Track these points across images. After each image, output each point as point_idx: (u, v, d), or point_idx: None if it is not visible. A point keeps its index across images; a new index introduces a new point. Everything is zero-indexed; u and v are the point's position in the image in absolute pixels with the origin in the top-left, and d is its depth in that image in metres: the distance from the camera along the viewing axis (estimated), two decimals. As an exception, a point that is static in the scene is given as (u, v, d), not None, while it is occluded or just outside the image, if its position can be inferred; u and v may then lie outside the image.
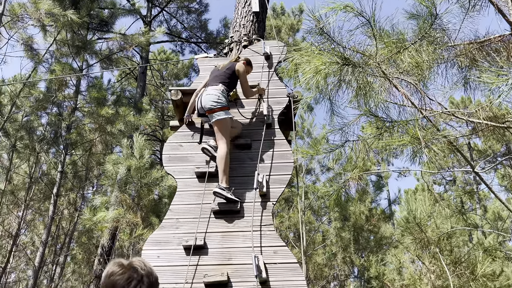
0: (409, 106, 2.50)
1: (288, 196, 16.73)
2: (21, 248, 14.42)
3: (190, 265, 3.40)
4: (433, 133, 2.28)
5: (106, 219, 7.01)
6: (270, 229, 3.61)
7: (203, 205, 3.74)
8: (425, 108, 2.55)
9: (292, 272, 3.34)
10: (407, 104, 2.49)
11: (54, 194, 9.58)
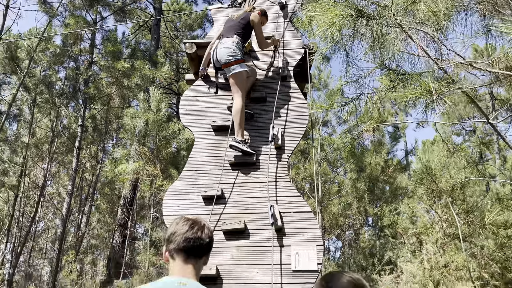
0: (424, 57, 2.46)
1: (304, 148, 16.85)
2: (48, 198, 15.12)
3: (209, 213, 3.56)
4: (446, 85, 2.25)
5: (127, 171, 7.26)
6: (285, 180, 3.71)
7: (220, 157, 3.85)
8: (442, 59, 2.50)
9: (306, 220, 3.48)
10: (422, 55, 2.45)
11: (76, 147, 9.89)
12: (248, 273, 3.31)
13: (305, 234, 3.42)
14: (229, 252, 3.41)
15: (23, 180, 13.27)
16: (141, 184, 9.81)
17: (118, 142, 14.26)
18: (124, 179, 8.28)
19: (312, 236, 3.41)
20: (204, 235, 1.75)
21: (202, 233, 1.74)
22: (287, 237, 3.42)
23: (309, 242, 3.37)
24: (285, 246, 3.38)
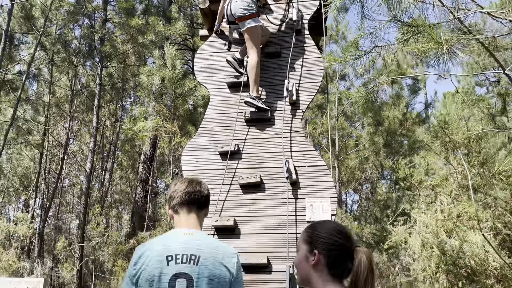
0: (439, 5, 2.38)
1: (321, 102, 16.73)
2: (71, 156, 15.61)
3: (226, 168, 3.67)
4: (459, 36, 2.19)
5: (145, 128, 7.42)
6: (300, 135, 3.77)
7: (235, 114, 3.91)
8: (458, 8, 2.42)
9: (321, 173, 3.56)
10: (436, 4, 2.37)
11: (95, 106, 10.08)
12: (264, 224, 3.46)
13: (319, 187, 3.51)
14: (246, 204, 3.55)
15: (47, 139, 13.69)
16: (160, 141, 10.03)
17: (136, 100, 14.42)
18: (143, 136, 8.46)
19: (326, 188, 3.50)
20: (202, 188, 1.92)
21: (200, 187, 1.92)
22: (302, 190, 3.53)
23: (323, 195, 3.48)
24: (299, 198, 3.50)
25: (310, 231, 1.54)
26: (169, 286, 1.67)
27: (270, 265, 3.30)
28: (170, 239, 1.79)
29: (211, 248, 1.77)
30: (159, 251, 1.73)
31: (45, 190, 14.03)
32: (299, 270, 1.51)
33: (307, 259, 1.48)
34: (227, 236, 3.46)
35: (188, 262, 1.71)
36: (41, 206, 13.79)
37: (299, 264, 1.51)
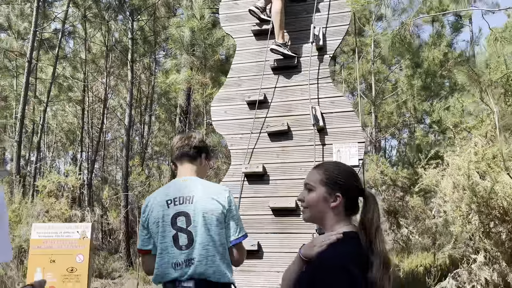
0: None
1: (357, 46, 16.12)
2: (111, 110, 16.17)
3: (253, 117, 3.74)
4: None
5: (178, 81, 7.53)
6: (327, 81, 3.74)
7: (262, 62, 3.90)
8: None
9: (348, 119, 3.56)
10: None
11: (129, 61, 10.25)
12: (292, 170, 3.55)
13: (347, 132, 3.53)
14: (274, 152, 3.64)
15: (87, 95, 14.19)
16: (194, 93, 10.18)
17: (168, 53, 14.50)
18: (177, 89, 8.61)
19: (353, 134, 3.52)
20: (190, 142, 2.17)
21: (189, 141, 2.18)
22: (329, 136, 3.56)
23: (350, 140, 3.50)
24: (327, 144, 3.54)
25: (328, 173, 1.55)
26: (171, 224, 2.01)
27: (298, 208, 3.43)
28: (170, 187, 2.13)
29: (203, 187, 2.07)
30: (160, 198, 2.08)
31: (89, 144, 14.76)
32: (313, 209, 1.54)
33: (326, 200, 1.52)
34: (256, 182, 3.60)
35: (184, 203, 2.03)
36: (87, 159, 14.60)
37: (315, 204, 1.53)
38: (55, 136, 18.16)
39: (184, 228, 2.00)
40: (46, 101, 11.87)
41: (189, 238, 1.98)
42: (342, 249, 1.44)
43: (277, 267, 3.35)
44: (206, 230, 1.98)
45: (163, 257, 2.00)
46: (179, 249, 1.98)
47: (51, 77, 12.06)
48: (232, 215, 2.04)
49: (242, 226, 2.08)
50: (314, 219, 1.57)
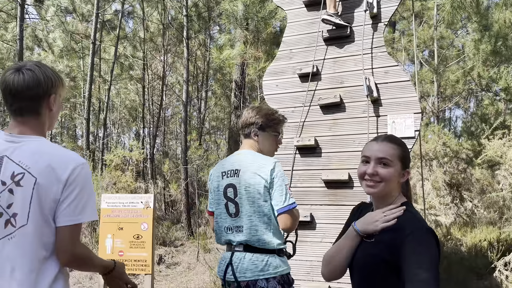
0: None
1: (418, 10, 15.26)
2: (170, 87, 16.73)
3: (305, 90, 3.74)
4: None
5: (231, 56, 7.60)
6: (381, 50, 3.62)
7: (313, 34, 3.85)
8: None
9: (403, 89, 3.45)
10: None
11: (185, 38, 10.46)
12: (344, 142, 3.53)
13: (402, 103, 3.42)
14: (326, 124, 3.63)
15: (146, 72, 14.76)
16: (247, 68, 10.23)
17: (222, 28, 14.59)
18: (231, 64, 8.70)
19: (409, 104, 3.40)
20: (250, 117, 2.31)
21: (248, 116, 2.32)
22: (384, 107, 3.48)
23: (406, 111, 3.40)
24: (381, 116, 3.46)
25: (402, 149, 1.56)
26: (223, 193, 2.25)
27: (352, 180, 3.42)
28: (227, 160, 2.35)
29: (249, 162, 2.21)
30: (218, 169, 2.33)
31: (150, 120, 15.45)
32: (388, 184, 1.51)
33: (400, 176, 1.53)
34: (308, 155, 3.62)
35: (232, 176, 2.24)
36: (149, 134, 15.33)
37: (391, 179, 1.51)
38: (119, 113, 19.19)
39: (232, 198, 2.21)
40: (110, 80, 12.53)
41: (236, 208, 2.20)
42: (418, 216, 1.49)
43: (329, 238, 3.40)
44: (249, 202, 2.15)
45: (218, 221, 2.28)
46: (230, 216, 2.22)
47: (113, 56, 12.66)
48: (276, 186, 2.13)
49: (289, 195, 2.14)
50: (385, 194, 1.53)
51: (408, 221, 1.44)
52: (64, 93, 1.70)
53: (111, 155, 9.14)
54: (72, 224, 1.49)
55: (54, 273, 1.51)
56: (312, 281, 3.39)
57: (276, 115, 2.40)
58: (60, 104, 1.68)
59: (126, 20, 15.56)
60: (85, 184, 1.53)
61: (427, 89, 15.18)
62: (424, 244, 1.36)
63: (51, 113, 1.63)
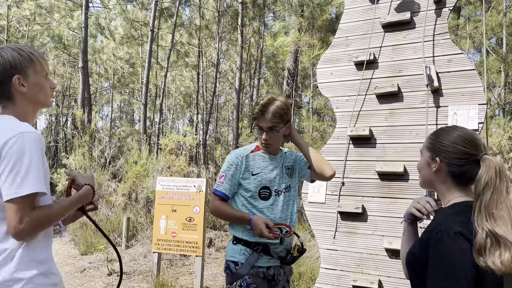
0: None
1: (485, -5, 14.28)
2: (223, 74, 16.94)
3: (360, 79, 3.63)
4: None
5: (285, 43, 7.54)
6: (444, 37, 3.43)
7: (371, 20, 3.72)
8: None
9: (467, 78, 3.25)
10: None
11: (239, 25, 10.53)
12: (401, 133, 3.40)
13: (465, 93, 3.23)
14: (382, 114, 3.51)
15: (201, 60, 15.03)
16: (301, 55, 10.11)
17: (277, 15, 14.49)
18: (284, 51, 8.63)
19: (473, 95, 3.21)
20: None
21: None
22: (445, 97, 3.30)
23: (469, 102, 3.20)
24: (441, 106, 3.30)
25: (433, 137, 1.55)
26: None
27: (407, 173, 3.30)
28: None
29: None
30: None
31: (204, 107, 15.78)
32: (421, 174, 1.60)
33: (429, 165, 1.52)
34: (362, 145, 3.54)
35: None
36: (202, 121, 15.68)
37: (421, 169, 1.59)
38: (174, 99, 19.76)
39: None
40: (166, 66, 12.90)
41: None
42: (453, 218, 1.38)
43: (381, 231, 3.32)
44: None
45: None
46: None
47: (170, 44, 13.01)
48: None
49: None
50: (425, 184, 1.60)
51: (441, 222, 1.38)
52: (41, 67, 1.64)
53: (166, 139, 9.46)
54: (11, 198, 1.42)
55: (10, 248, 1.47)
56: (362, 273, 3.33)
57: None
58: (37, 81, 1.63)
59: (183, 7, 15.88)
60: (21, 155, 1.44)
61: (493, 79, 14.23)
62: (443, 250, 1.31)
63: (25, 94, 1.60)
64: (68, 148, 16.83)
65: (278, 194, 2.41)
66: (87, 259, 6.67)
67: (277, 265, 2.35)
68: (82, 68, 12.59)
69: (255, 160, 2.42)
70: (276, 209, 2.37)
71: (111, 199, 8.57)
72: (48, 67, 1.72)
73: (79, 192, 1.67)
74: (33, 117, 1.68)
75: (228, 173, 2.35)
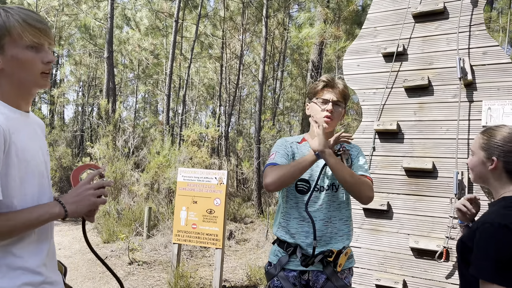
0: None
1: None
2: (246, 66, 16.86)
3: (388, 71, 3.50)
4: None
5: (310, 35, 7.38)
6: (480, 28, 3.25)
7: (402, 10, 3.57)
8: None
9: (504, 72, 3.08)
10: None
11: (264, 16, 10.39)
12: (431, 128, 3.26)
13: (501, 88, 3.06)
14: (410, 108, 3.38)
15: (225, 51, 14.99)
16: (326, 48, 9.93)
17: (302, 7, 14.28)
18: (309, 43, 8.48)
19: (509, 89, 3.04)
20: None
21: None
22: (478, 91, 3.14)
23: (505, 96, 3.04)
24: (474, 101, 3.14)
25: (487, 137, 1.64)
26: None
27: (436, 170, 3.17)
28: None
29: None
30: None
31: (227, 99, 15.76)
32: (474, 171, 1.68)
33: (484, 164, 1.63)
34: (389, 140, 3.41)
35: None
36: (224, 113, 15.68)
37: (475, 167, 1.67)
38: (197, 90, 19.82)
39: None
40: (190, 58, 12.90)
41: None
42: (502, 211, 1.48)
43: (407, 229, 3.20)
44: None
45: None
46: None
47: (194, 35, 13.00)
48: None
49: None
50: (477, 180, 1.68)
51: (490, 215, 1.49)
52: (24, 35, 1.27)
53: (188, 131, 9.48)
54: None
55: None
56: (385, 272, 3.23)
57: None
58: (15, 53, 1.28)
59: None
60: None
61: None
62: (485, 236, 1.42)
63: (3, 71, 1.29)
64: (94, 138, 17.15)
65: (320, 190, 2.12)
66: (109, 247, 6.76)
67: (314, 270, 2.05)
68: (108, 58, 12.73)
69: (300, 150, 2.20)
70: (314, 206, 2.09)
71: (134, 189, 8.66)
72: (47, 34, 1.33)
73: (58, 210, 1.32)
74: (24, 101, 1.37)
75: (279, 151, 2.16)
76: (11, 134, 1.25)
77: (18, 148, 1.27)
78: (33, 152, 1.35)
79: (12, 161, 1.24)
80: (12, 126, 1.26)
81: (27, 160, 1.31)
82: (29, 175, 1.32)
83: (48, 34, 1.33)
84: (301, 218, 2.08)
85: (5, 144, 1.22)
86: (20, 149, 1.28)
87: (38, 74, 1.33)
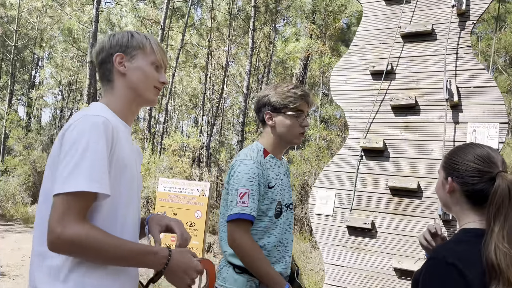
0: None
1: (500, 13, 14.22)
2: (231, 78, 16.86)
3: (376, 89, 3.50)
4: None
5: (296, 49, 7.42)
6: (466, 51, 3.30)
7: (391, 29, 3.60)
8: None
9: (489, 95, 3.11)
10: None
11: (251, 29, 10.43)
12: (416, 148, 3.26)
13: (486, 110, 3.10)
14: (397, 127, 3.38)
15: (210, 61, 14.95)
16: (311, 63, 10.00)
17: (288, 21, 14.42)
18: (294, 57, 8.52)
19: (494, 112, 3.07)
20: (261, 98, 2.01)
21: (259, 96, 2.05)
22: (464, 113, 3.17)
23: (490, 119, 3.07)
24: (460, 123, 3.16)
25: (447, 156, 1.45)
26: None
27: (421, 190, 3.16)
28: None
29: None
30: None
31: (210, 109, 15.69)
32: (438, 196, 1.49)
33: (443, 186, 1.42)
34: (374, 158, 3.40)
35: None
36: (207, 123, 15.58)
37: (437, 190, 1.49)
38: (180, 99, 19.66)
39: None
40: (175, 66, 12.81)
41: None
42: (449, 245, 1.31)
43: (390, 249, 3.17)
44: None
45: None
46: None
47: (180, 43, 12.93)
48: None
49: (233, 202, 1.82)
50: (443, 206, 1.49)
51: (439, 250, 1.31)
52: (153, 55, 1.48)
53: (170, 139, 9.35)
54: (56, 193, 1.13)
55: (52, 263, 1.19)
56: (367, 293, 3.18)
57: (294, 90, 1.94)
58: (141, 65, 1.46)
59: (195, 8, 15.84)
60: (74, 142, 1.15)
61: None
62: (429, 277, 1.26)
63: (125, 76, 1.44)
64: (71, 142, 16.72)
65: (289, 208, 1.97)
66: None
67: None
68: (90, 63, 12.52)
69: (269, 168, 1.90)
70: (287, 228, 1.93)
71: (111, 197, 8.43)
72: (165, 60, 1.51)
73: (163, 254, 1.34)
74: (132, 111, 1.44)
75: (252, 189, 1.78)
76: (116, 140, 1.25)
77: (119, 156, 1.27)
78: (131, 163, 1.35)
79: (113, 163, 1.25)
80: (116, 134, 1.26)
81: (127, 166, 1.32)
82: (127, 182, 1.32)
83: (165, 57, 1.52)
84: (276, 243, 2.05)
85: (113, 140, 1.22)
86: (121, 157, 1.28)
87: (152, 87, 1.46)
